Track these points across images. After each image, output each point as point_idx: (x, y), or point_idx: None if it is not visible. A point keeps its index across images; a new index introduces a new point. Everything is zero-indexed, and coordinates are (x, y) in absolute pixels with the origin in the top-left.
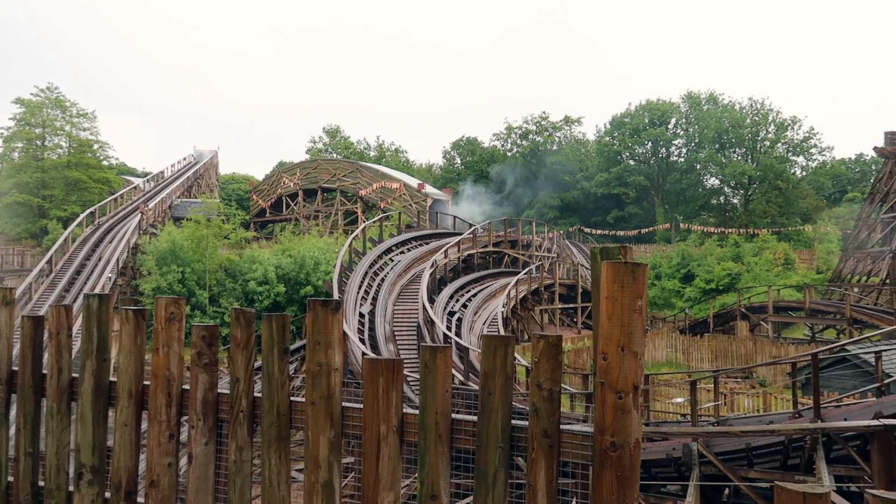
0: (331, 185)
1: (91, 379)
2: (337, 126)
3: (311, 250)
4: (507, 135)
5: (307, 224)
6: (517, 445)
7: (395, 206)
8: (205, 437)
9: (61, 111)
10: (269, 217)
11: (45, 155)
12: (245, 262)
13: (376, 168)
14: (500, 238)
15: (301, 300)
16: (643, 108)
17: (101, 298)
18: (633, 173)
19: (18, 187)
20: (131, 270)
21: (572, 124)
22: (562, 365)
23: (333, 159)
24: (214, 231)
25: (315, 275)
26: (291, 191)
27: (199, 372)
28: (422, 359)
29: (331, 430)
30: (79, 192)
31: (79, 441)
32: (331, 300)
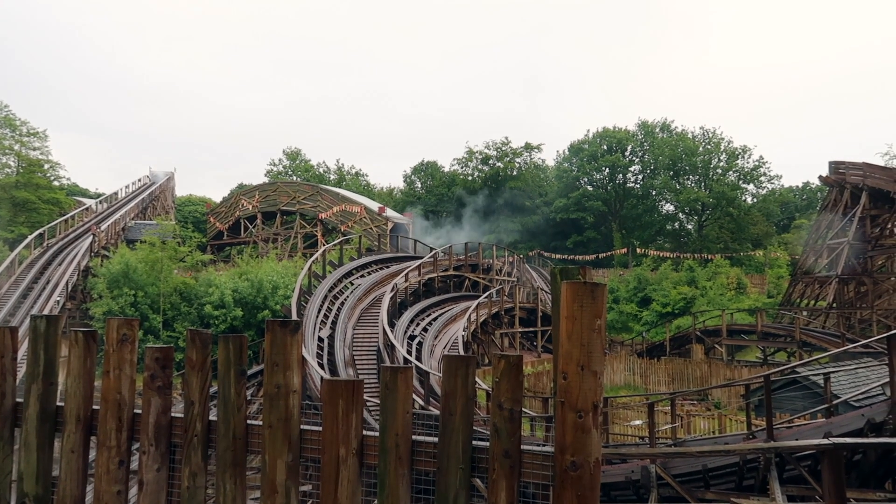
0: (290, 207)
1: (37, 403)
2: (297, 149)
3: (270, 274)
4: (467, 159)
5: (266, 247)
6: (478, 466)
7: (356, 230)
8: (157, 462)
9: (10, 129)
10: (226, 240)
11: None
12: (201, 285)
13: (337, 191)
14: (461, 262)
15: (258, 324)
16: (600, 135)
17: (49, 320)
18: (591, 199)
19: None
20: (81, 294)
21: (532, 150)
22: (522, 385)
23: (293, 182)
24: (169, 254)
25: (273, 299)
26: (250, 213)
27: (152, 395)
28: (382, 379)
29: (289, 453)
30: (27, 213)
31: (21, 469)
32: (290, 321)
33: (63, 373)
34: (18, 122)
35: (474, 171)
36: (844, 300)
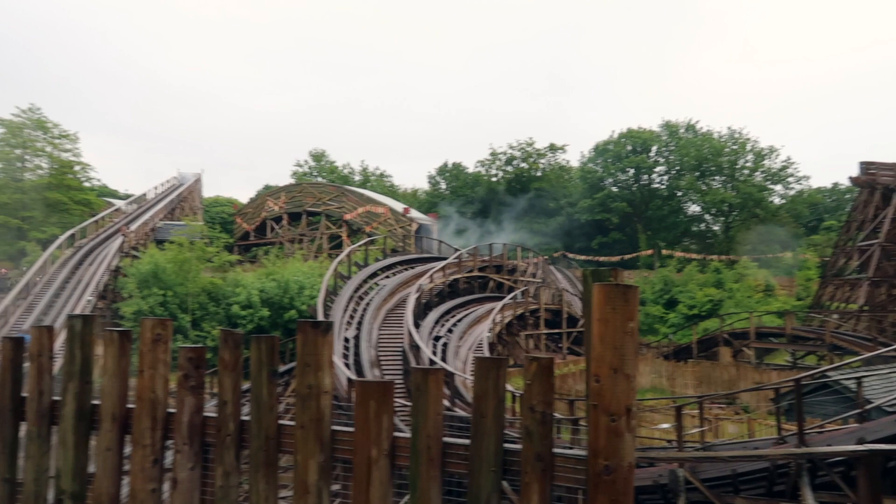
0: (316, 209)
1: (73, 402)
2: (322, 150)
3: (296, 274)
4: (491, 161)
5: (291, 248)
6: (510, 469)
7: (381, 231)
8: (190, 461)
9: (42, 132)
10: (253, 241)
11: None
12: (228, 285)
13: (361, 192)
14: (486, 263)
15: (285, 324)
16: (625, 135)
17: (85, 319)
18: (616, 200)
19: None
20: (112, 293)
21: (556, 151)
22: (554, 388)
23: (318, 183)
24: (198, 254)
25: (299, 299)
26: (276, 214)
27: (186, 395)
28: (413, 381)
29: (320, 454)
30: (59, 214)
31: (59, 466)
32: (321, 321)
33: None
34: (50, 125)
35: (498, 171)
36: (876, 303)
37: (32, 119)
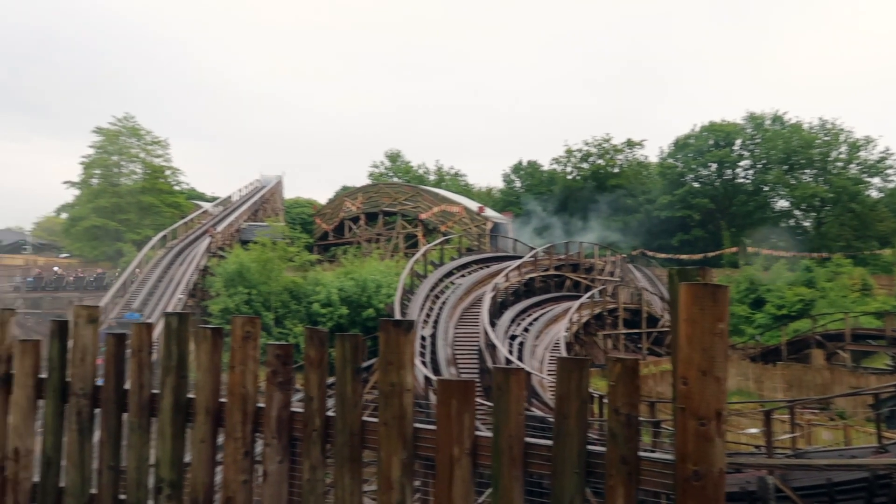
0: (392, 208)
1: (170, 395)
2: (398, 151)
3: (373, 273)
4: (567, 158)
5: (369, 247)
6: (593, 472)
7: (456, 230)
8: (279, 455)
9: (136, 139)
10: (331, 240)
11: (120, 181)
12: (309, 284)
13: (436, 192)
14: (562, 261)
15: (363, 322)
16: (706, 129)
17: (181, 317)
18: (698, 196)
19: (96, 212)
20: (200, 292)
21: (634, 147)
22: (640, 389)
23: (394, 183)
24: (280, 254)
25: (377, 297)
26: (353, 214)
27: (274, 390)
28: (494, 381)
29: (403, 451)
30: (152, 216)
31: (158, 456)
32: (403, 320)
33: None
34: (143, 132)
35: (574, 169)
36: None
37: (127, 127)
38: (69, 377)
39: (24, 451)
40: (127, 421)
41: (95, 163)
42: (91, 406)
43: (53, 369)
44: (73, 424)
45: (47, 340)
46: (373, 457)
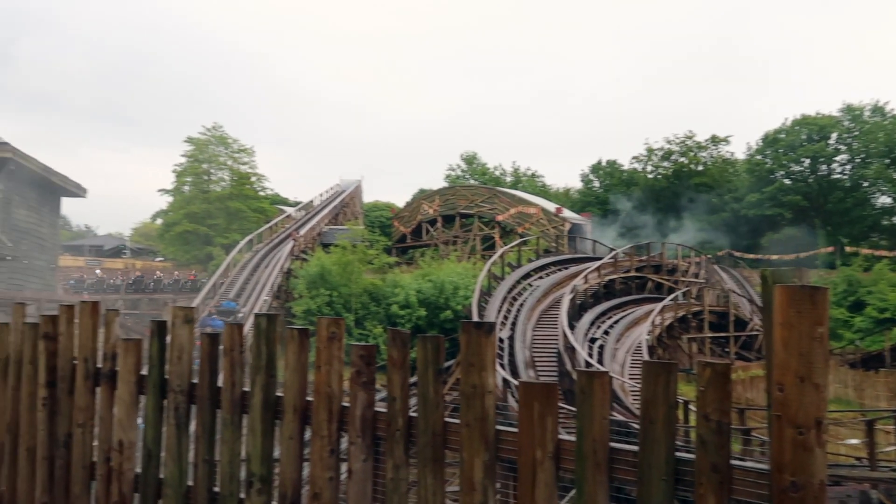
0: (468, 210)
1: (260, 393)
2: (474, 153)
3: (450, 275)
4: (647, 157)
5: (446, 249)
6: (682, 480)
7: (533, 231)
8: (363, 453)
9: (224, 147)
10: (409, 243)
11: (210, 188)
12: (388, 286)
13: (513, 193)
14: (643, 263)
15: (441, 324)
16: (799, 122)
17: (270, 318)
18: (789, 193)
19: (188, 217)
20: (284, 293)
21: (719, 143)
22: (730, 395)
23: (471, 185)
24: (359, 256)
25: (454, 299)
26: (431, 217)
27: (358, 390)
28: (578, 384)
29: (485, 452)
30: (239, 221)
31: (249, 451)
32: (485, 322)
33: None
34: (231, 140)
35: (655, 168)
36: None
37: (216, 136)
38: (167, 374)
39: (127, 443)
40: (220, 417)
41: (187, 171)
42: (188, 402)
43: (153, 367)
44: (171, 419)
45: (147, 339)
46: (454, 457)
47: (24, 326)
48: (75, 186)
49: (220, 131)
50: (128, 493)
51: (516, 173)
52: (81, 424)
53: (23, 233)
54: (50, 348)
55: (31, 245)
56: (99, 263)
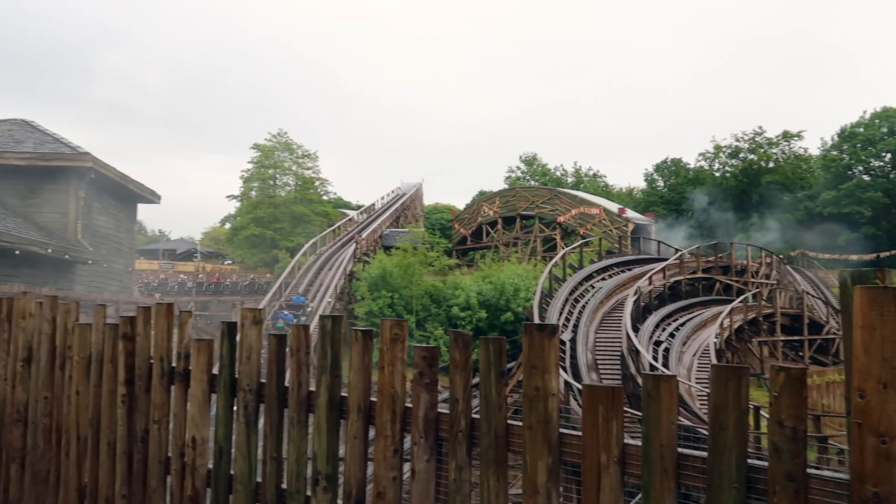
0: (529, 212)
1: (325, 393)
2: (534, 154)
3: (511, 277)
4: (714, 155)
5: (506, 251)
6: (754, 488)
7: (595, 232)
8: (426, 454)
9: (289, 153)
10: (469, 245)
11: (275, 192)
12: (448, 288)
13: (574, 194)
14: (710, 263)
15: (501, 326)
16: (879, 115)
17: (335, 319)
18: (868, 189)
19: (255, 222)
20: (347, 295)
21: (791, 139)
22: (807, 401)
23: (531, 187)
24: (420, 259)
25: (515, 301)
26: (491, 219)
27: (421, 391)
28: (644, 388)
29: (548, 455)
30: (303, 225)
31: (315, 450)
32: (547, 324)
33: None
34: (295, 146)
35: (723, 166)
36: None
37: (281, 142)
38: (237, 373)
39: (200, 440)
40: (287, 416)
41: (253, 176)
42: (257, 401)
43: (224, 366)
44: (240, 417)
45: (218, 339)
46: (517, 460)
47: (105, 327)
48: (150, 193)
49: (284, 137)
50: (201, 487)
51: (578, 173)
52: (157, 421)
53: (102, 238)
54: (128, 348)
55: (109, 249)
56: (171, 267)
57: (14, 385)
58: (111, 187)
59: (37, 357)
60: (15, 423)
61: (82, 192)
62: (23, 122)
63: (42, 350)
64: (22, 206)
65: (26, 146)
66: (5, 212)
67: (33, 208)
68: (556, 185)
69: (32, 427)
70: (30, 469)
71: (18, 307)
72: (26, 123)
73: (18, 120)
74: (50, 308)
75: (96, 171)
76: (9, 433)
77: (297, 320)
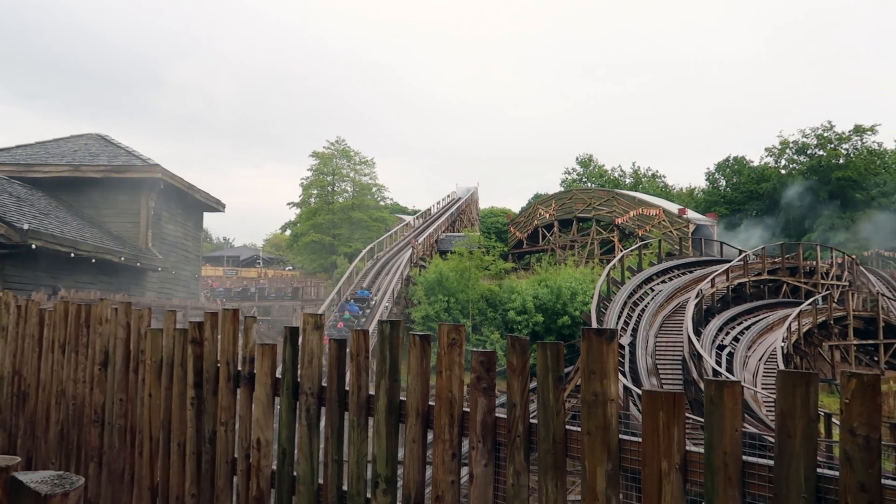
0: (586, 214)
1: (384, 397)
2: (590, 155)
3: (568, 280)
4: (780, 151)
5: (563, 254)
6: (824, 498)
7: (654, 234)
8: (484, 458)
9: (347, 160)
10: (525, 248)
11: (334, 199)
12: (504, 292)
13: (632, 195)
14: (777, 265)
15: (558, 330)
16: None
17: (393, 324)
18: None
19: (314, 228)
20: (404, 300)
21: (864, 133)
22: (881, 409)
23: (588, 189)
24: (476, 263)
25: (572, 305)
26: (547, 222)
27: (479, 396)
28: (706, 394)
29: (608, 462)
30: (361, 231)
31: (375, 453)
32: (606, 329)
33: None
34: (353, 153)
35: (789, 162)
36: None
37: (339, 150)
38: (299, 377)
39: (264, 441)
40: (347, 419)
41: (313, 184)
42: (318, 404)
43: (286, 370)
44: (303, 420)
45: (281, 344)
46: (575, 466)
47: (175, 332)
48: (215, 202)
49: (342, 145)
50: (265, 488)
51: (636, 174)
52: (224, 423)
53: (171, 246)
54: (196, 352)
55: (178, 257)
56: (235, 273)
57: (92, 387)
58: (179, 197)
59: (112, 360)
60: (93, 424)
61: (152, 202)
62: (97, 137)
63: (117, 354)
64: (97, 216)
65: (101, 159)
66: (82, 222)
67: (107, 218)
68: (614, 186)
69: (109, 427)
70: (106, 468)
71: (96, 313)
72: (101, 138)
73: (94, 135)
74: (125, 314)
75: (165, 181)
76: (87, 433)
77: (363, 312)
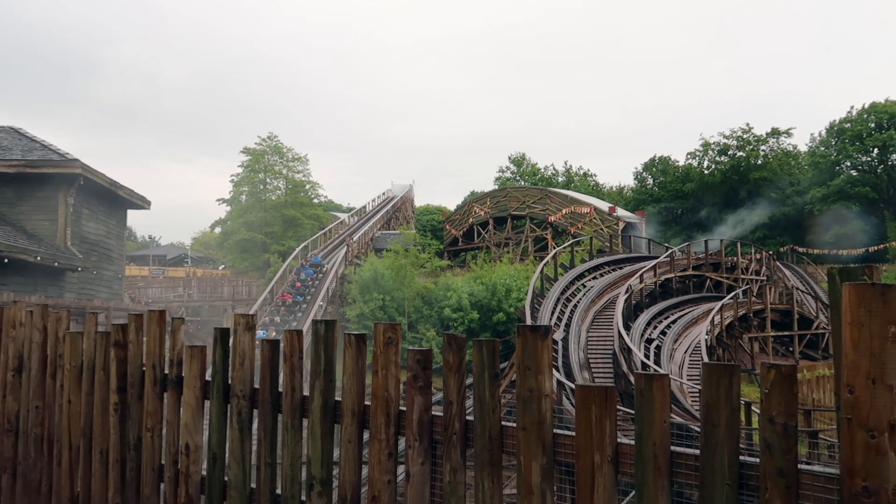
0: (520, 212)
1: (319, 398)
2: (522, 154)
3: (503, 277)
4: (703, 152)
5: (498, 252)
6: (746, 484)
7: (586, 231)
8: (421, 456)
9: (279, 156)
10: (461, 246)
11: (266, 196)
12: (440, 289)
13: (565, 193)
14: (701, 261)
15: (493, 326)
16: (867, 110)
17: (328, 324)
18: (857, 185)
19: (246, 226)
20: (339, 298)
21: (779, 136)
22: (797, 397)
23: (522, 187)
24: (412, 260)
25: (507, 301)
26: (482, 219)
27: (415, 394)
28: (637, 387)
29: (543, 456)
30: (294, 229)
31: (309, 454)
32: (540, 325)
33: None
34: (285, 150)
35: (711, 163)
36: None
37: (271, 146)
38: (230, 379)
39: (193, 446)
40: (281, 421)
41: (244, 180)
42: (251, 406)
43: (217, 372)
44: (234, 423)
45: (211, 345)
46: (511, 461)
47: (97, 335)
48: (140, 199)
49: (275, 141)
50: (195, 494)
51: (568, 173)
52: (150, 428)
53: (92, 244)
54: (120, 356)
55: (99, 256)
56: (162, 273)
57: (5, 395)
58: (100, 193)
59: (28, 366)
60: (6, 433)
61: (71, 198)
62: (10, 130)
63: (33, 359)
64: (10, 213)
65: (14, 153)
66: None
67: (22, 216)
68: (547, 184)
69: (24, 437)
70: (21, 479)
71: (8, 316)
72: (14, 131)
73: (6, 127)
74: (41, 317)
75: (85, 177)
76: (0, 444)
77: (317, 275)
